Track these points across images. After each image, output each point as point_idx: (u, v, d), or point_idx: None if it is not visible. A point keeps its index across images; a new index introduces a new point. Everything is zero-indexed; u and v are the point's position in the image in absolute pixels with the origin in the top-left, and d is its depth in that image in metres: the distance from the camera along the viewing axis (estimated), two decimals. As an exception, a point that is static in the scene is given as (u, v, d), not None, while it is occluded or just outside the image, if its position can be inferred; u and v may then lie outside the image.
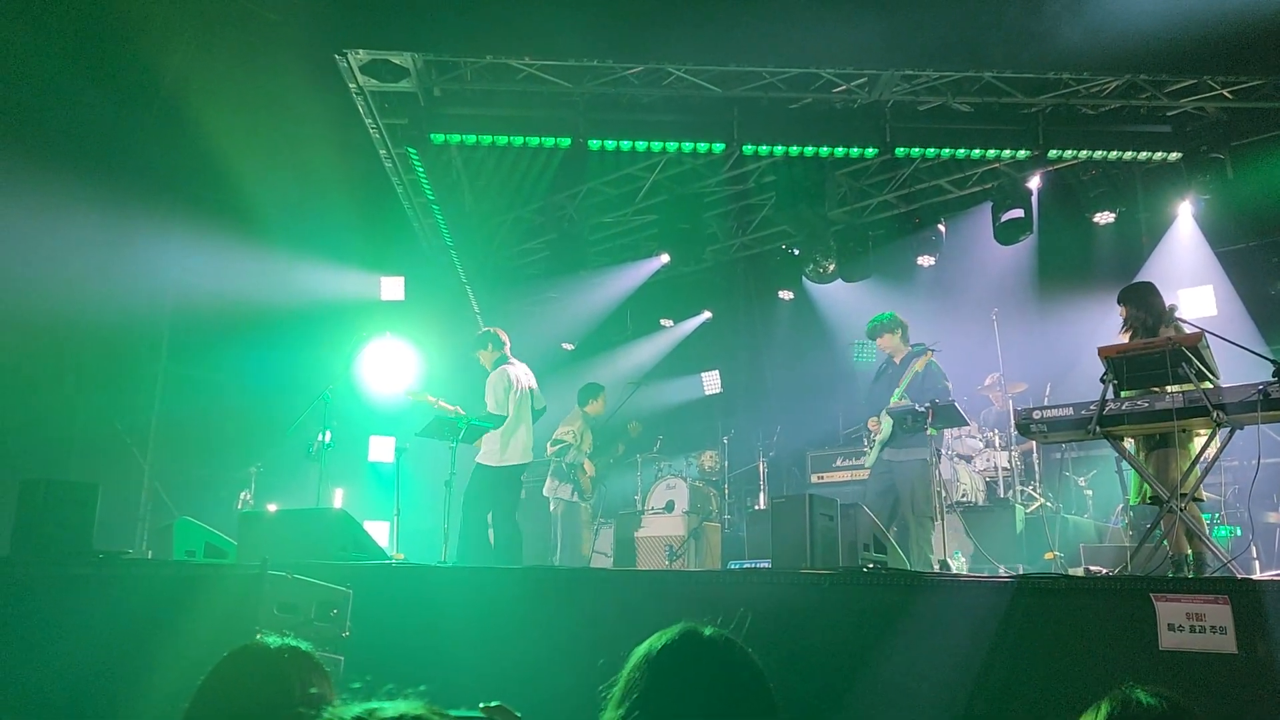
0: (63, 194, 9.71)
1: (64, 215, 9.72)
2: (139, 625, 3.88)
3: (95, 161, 10.85)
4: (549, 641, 4.15)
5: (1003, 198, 9.52)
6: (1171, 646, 3.97)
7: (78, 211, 10.10)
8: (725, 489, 10.58)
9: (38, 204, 9.48)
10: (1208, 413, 5.05)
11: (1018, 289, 10.26)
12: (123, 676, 3.66)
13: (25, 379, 8.84)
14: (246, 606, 3.56)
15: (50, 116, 10.08)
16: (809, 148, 8.42)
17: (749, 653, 1.78)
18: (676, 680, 1.71)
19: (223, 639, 3.63)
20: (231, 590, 3.92)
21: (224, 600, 3.83)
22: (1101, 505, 8.85)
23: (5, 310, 9.24)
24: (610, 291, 11.83)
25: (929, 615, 4.28)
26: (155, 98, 10.83)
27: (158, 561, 5.10)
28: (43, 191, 9.55)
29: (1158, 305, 5.89)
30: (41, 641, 3.86)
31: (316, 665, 1.85)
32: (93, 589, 4.25)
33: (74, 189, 9.88)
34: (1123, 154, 8.60)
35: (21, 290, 9.27)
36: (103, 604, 4.08)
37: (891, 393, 7.39)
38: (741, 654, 1.77)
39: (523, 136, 8.21)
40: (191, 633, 3.69)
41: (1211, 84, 7.97)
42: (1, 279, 9.26)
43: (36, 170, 9.54)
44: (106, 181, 11.06)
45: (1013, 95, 8.20)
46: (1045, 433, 5.76)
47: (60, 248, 9.67)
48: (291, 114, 11.32)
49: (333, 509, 6.85)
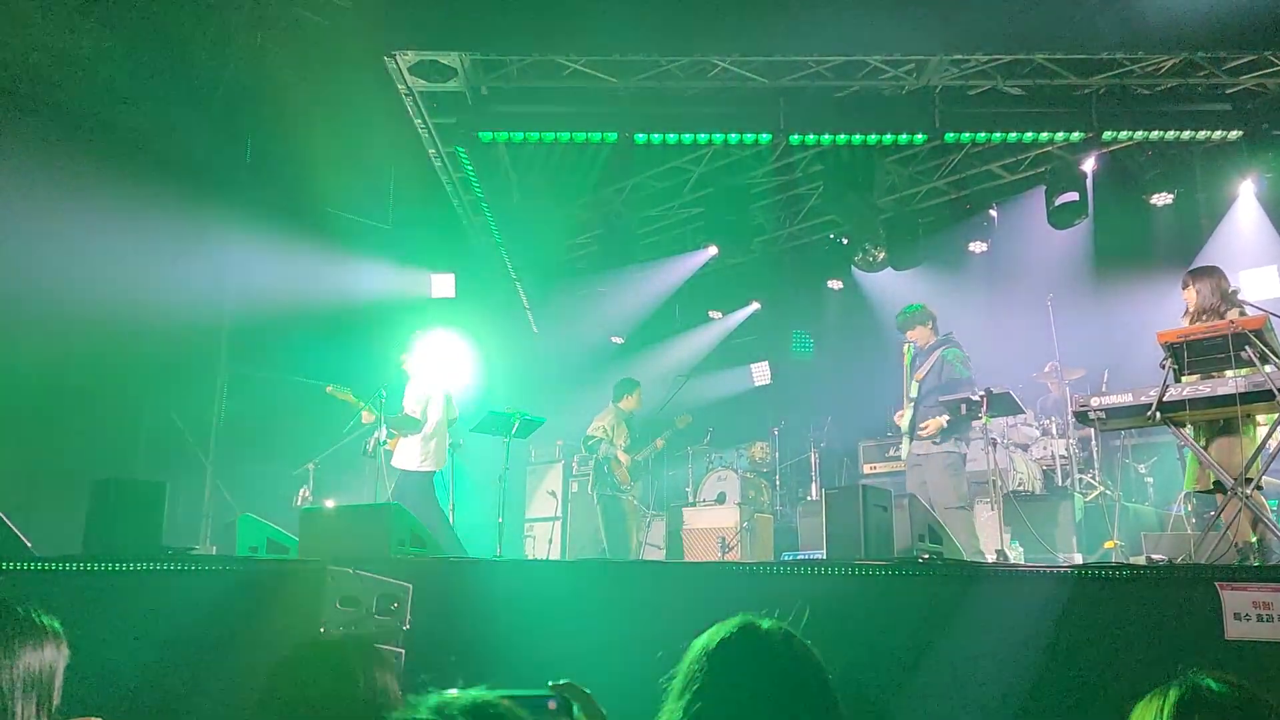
0: (125, 197, 9.96)
1: (126, 218, 9.97)
2: (208, 620, 3.98)
3: (156, 165, 11.10)
4: (604, 633, 4.19)
5: (1056, 181, 9.35)
6: (1238, 636, 3.90)
7: (140, 214, 10.36)
8: (776, 480, 10.57)
9: (101, 207, 9.75)
10: (1272, 397, 4.94)
11: (1073, 274, 10.07)
12: (194, 670, 3.77)
13: (92, 381, 9.10)
14: (310, 601, 3.65)
15: (113, 121, 10.34)
16: (857, 136, 8.34)
17: (808, 646, 1.80)
18: (736, 673, 1.72)
19: (288, 632, 3.74)
20: (296, 585, 4.01)
21: (289, 595, 3.93)
22: (1163, 492, 8.68)
23: (73, 313, 9.53)
24: (659, 284, 11.86)
25: (988, 606, 4.24)
26: (212, 101, 11.08)
27: (224, 558, 5.24)
28: (106, 195, 9.81)
29: (1221, 288, 5.78)
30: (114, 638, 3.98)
31: (381, 657, 1.90)
32: (162, 585, 4.36)
33: (136, 192, 10.13)
34: (1180, 134, 8.36)
35: (86, 293, 9.54)
36: (173, 600, 4.19)
37: (910, 385, 7.35)
38: (800, 647, 1.79)
39: (570, 132, 8.24)
40: (258, 626, 3.79)
41: (1273, 59, 7.73)
42: (69, 282, 9.55)
43: (100, 174, 9.81)
44: (167, 185, 11.34)
45: (1065, 77, 8.03)
46: (1104, 420, 5.68)
47: (123, 250, 9.92)
48: (341, 115, 11.52)
49: (390, 504, 6.95)
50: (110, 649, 3.81)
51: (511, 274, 11.53)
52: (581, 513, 10.93)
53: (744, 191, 10.28)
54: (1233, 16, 7.07)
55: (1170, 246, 9.56)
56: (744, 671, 1.73)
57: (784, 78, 8.03)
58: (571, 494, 11.19)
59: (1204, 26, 7.17)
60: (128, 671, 3.83)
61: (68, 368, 9.67)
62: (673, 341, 13.15)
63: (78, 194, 9.73)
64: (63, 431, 9.26)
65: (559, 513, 11.14)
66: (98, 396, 8.59)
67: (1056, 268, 10.13)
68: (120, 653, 3.85)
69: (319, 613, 3.54)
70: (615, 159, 9.73)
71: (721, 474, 10.08)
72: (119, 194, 9.93)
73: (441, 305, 11.73)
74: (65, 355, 9.72)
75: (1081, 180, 9.26)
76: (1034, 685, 4.01)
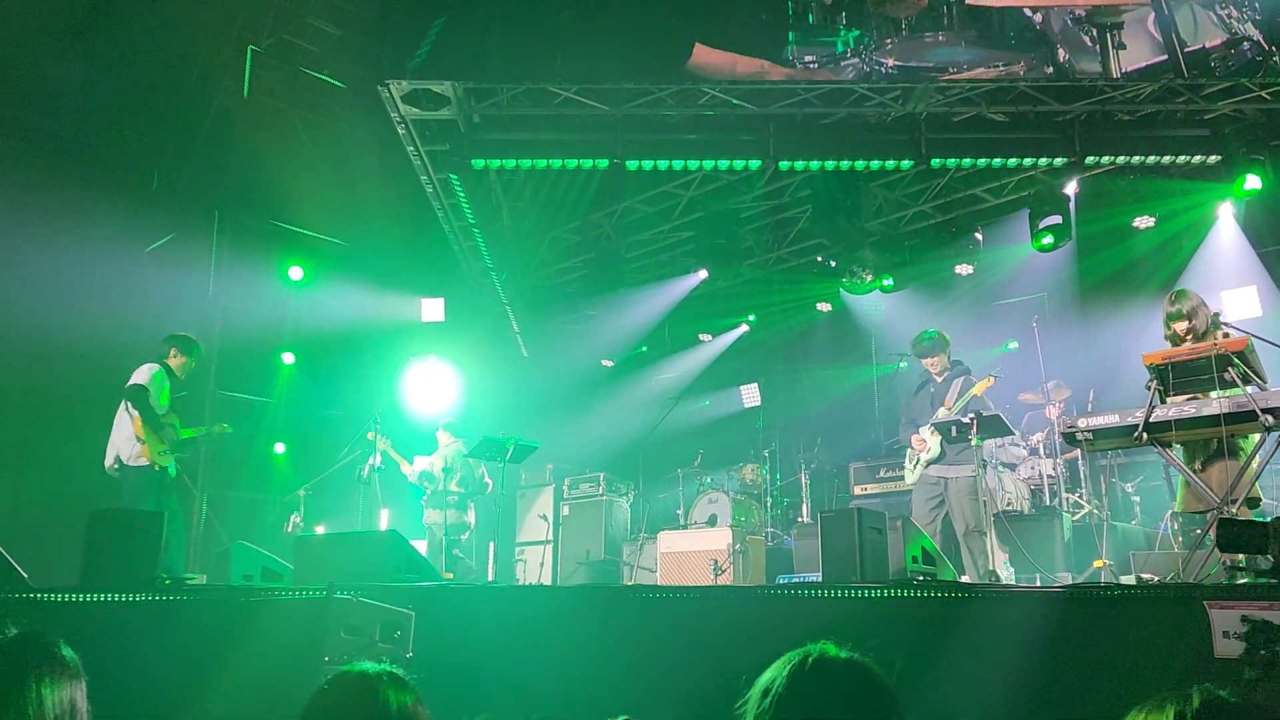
0: (111, 223, 9.99)
1: (116, 245, 9.99)
2: (209, 650, 3.98)
3: (144, 191, 11.17)
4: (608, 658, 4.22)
5: (1040, 205, 9.48)
6: (1227, 654, 3.96)
7: (129, 241, 10.40)
8: (767, 502, 10.61)
9: (90, 235, 9.77)
10: (1256, 417, 5.03)
11: (1058, 296, 10.22)
12: (196, 701, 3.77)
13: (81, 410, 9.07)
14: (314, 629, 3.67)
15: (101, 148, 10.38)
16: (844, 162, 8.46)
17: (884, 680, 1.71)
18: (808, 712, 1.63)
19: (292, 662, 3.76)
20: (298, 614, 4.03)
21: (291, 624, 3.94)
22: (1150, 512, 8.77)
23: (61, 341, 9.52)
24: (649, 308, 11.93)
25: (982, 627, 4.31)
26: (200, 128, 11.13)
27: (225, 587, 5.24)
28: (93, 221, 9.84)
29: (1203, 310, 5.88)
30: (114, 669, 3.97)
31: (412, 688, 1.94)
32: (161, 616, 4.37)
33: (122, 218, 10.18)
34: (1161, 158, 8.55)
35: (75, 319, 9.54)
36: (172, 630, 4.20)
37: (937, 410, 7.43)
38: (879, 682, 1.69)
39: (561, 159, 8.32)
40: (262, 655, 3.80)
41: (1249, 85, 7.91)
42: (55, 309, 9.55)
43: (88, 200, 9.85)
44: (157, 213, 11.39)
45: (1048, 103, 8.19)
46: (1091, 440, 5.77)
47: (111, 276, 9.93)
48: (333, 141, 11.60)
49: (385, 530, 6.97)
50: (112, 680, 3.81)
51: (502, 299, 11.59)
52: (573, 536, 10.95)
53: (733, 216, 10.38)
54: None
55: (1153, 268, 9.73)
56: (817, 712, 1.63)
57: (773, 105, 8.14)
58: (563, 517, 11.21)
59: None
60: (128, 702, 3.83)
61: (52, 396, 9.66)
62: (663, 364, 13.23)
63: (67, 222, 9.76)
64: (48, 461, 9.22)
65: (549, 536, 11.15)
66: (86, 426, 8.55)
67: (1042, 289, 10.27)
68: (122, 684, 3.85)
69: (322, 641, 3.56)
70: (606, 184, 9.83)
71: (713, 496, 10.11)
72: (109, 222, 9.97)
73: (432, 330, 11.76)
74: (49, 383, 9.71)
75: (1065, 203, 9.39)
76: (1027, 706, 4.06)
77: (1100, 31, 7.72)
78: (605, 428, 12.14)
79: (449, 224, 10.06)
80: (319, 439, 11.35)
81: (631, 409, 12.32)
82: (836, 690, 1.66)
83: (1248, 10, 7.63)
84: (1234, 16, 7.60)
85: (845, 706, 1.64)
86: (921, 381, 7.83)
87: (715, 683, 4.11)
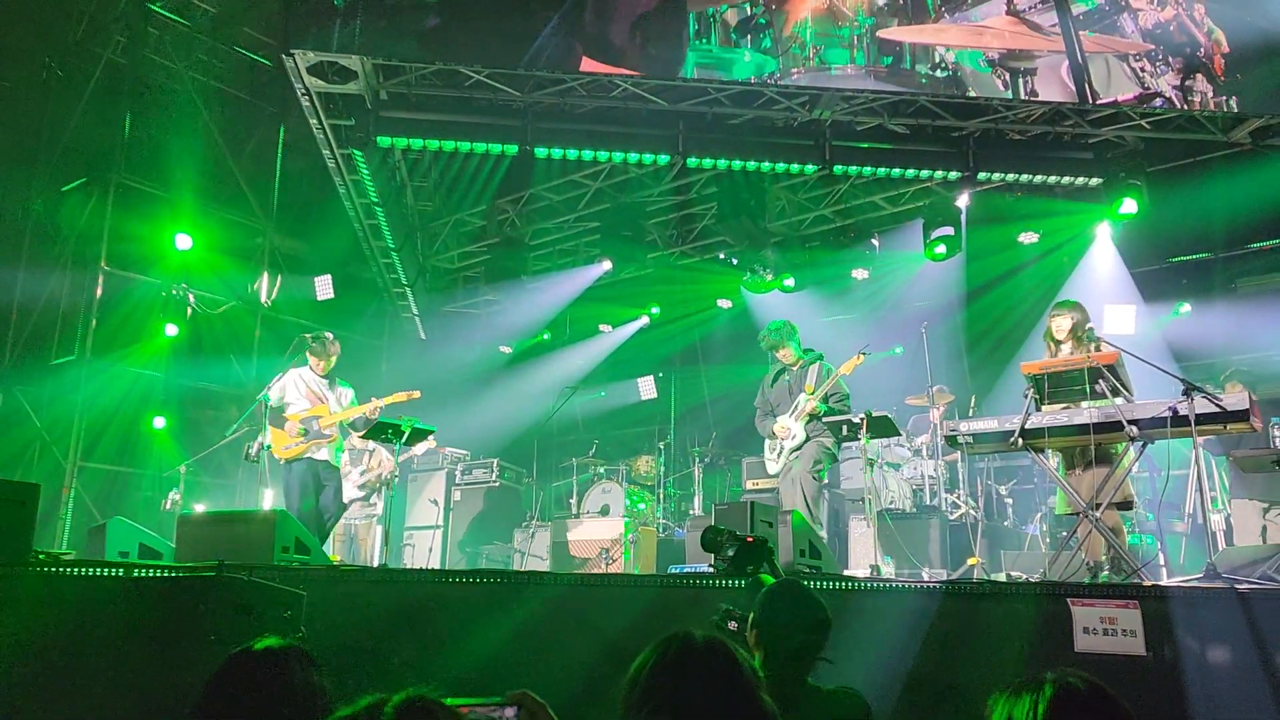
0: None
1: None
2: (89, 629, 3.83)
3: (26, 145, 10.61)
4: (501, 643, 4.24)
5: (934, 215, 9.85)
6: (1086, 649, 4.21)
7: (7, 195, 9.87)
8: (660, 494, 10.73)
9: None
10: (1122, 427, 5.36)
11: (947, 304, 10.61)
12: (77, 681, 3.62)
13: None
14: (201, 608, 3.58)
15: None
16: (751, 163, 8.63)
17: (741, 652, 1.81)
18: (682, 684, 1.74)
19: (178, 641, 3.66)
20: (185, 592, 3.92)
21: (177, 602, 3.83)
22: (1022, 513, 9.21)
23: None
24: (551, 296, 11.91)
25: (864, 618, 4.48)
26: (87, 84, 10.61)
27: (106, 563, 5.03)
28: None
29: (1084, 321, 6.21)
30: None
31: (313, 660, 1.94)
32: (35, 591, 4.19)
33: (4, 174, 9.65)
34: (1047, 178, 9.01)
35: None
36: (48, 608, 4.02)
37: (798, 396, 7.46)
38: (736, 654, 1.80)
39: (470, 143, 8.25)
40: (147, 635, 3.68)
41: (1130, 114, 8.38)
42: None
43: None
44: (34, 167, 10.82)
45: (945, 118, 8.52)
46: (971, 444, 6.05)
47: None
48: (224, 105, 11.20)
49: (273, 510, 6.79)
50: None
51: (403, 279, 11.41)
52: (464, 522, 10.87)
53: (639, 209, 10.47)
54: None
55: (1035, 281, 10.21)
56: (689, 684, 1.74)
57: (683, 102, 8.24)
58: (455, 502, 11.10)
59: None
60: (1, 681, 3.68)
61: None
62: (562, 353, 13.23)
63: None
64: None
65: (440, 521, 11.03)
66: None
67: (932, 297, 10.65)
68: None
69: (212, 620, 3.48)
70: (513, 170, 9.76)
71: (606, 486, 10.17)
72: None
73: (327, 307, 11.45)
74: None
75: (957, 216, 9.77)
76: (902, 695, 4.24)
77: (1013, 76, 8.08)
78: (501, 414, 12.07)
79: (350, 200, 9.86)
80: (200, 415, 10.98)
81: (528, 397, 12.28)
82: (698, 672, 1.75)
83: (1161, 65, 8.01)
84: (1147, 70, 7.97)
85: (707, 687, 1.73)
86: (777, 371, 7.83)
87: (604, 669, 4.18)
